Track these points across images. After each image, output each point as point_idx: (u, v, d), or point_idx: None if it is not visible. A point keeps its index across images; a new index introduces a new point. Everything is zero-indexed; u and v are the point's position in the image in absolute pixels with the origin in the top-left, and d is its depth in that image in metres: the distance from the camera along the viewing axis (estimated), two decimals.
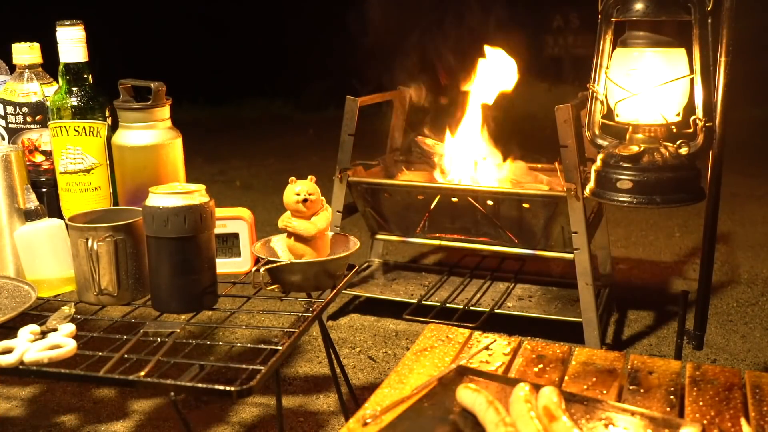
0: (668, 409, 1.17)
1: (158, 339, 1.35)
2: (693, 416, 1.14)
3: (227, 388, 1.16)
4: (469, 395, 1.10)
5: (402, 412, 1.12)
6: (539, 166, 2.65)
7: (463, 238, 2.47)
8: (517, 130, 2.71)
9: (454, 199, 2.38)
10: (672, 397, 1.21)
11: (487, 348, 1.37)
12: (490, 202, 2.33)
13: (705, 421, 1.12)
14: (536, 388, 1.11)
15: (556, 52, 8.39)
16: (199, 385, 1.18)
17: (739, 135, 5.30)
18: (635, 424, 1.09)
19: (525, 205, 2.28)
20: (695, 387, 1.23)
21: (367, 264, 2.82)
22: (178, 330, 1.38)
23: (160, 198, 1.39)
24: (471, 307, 2.42)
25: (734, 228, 3.60)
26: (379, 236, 2.63)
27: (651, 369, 1.30)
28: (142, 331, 1.38)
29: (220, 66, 8.13)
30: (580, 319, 2.28)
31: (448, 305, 2.44)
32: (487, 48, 2.63)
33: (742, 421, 1.13)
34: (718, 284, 2.86)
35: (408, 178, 2.71)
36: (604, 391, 1.22)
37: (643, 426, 1.09)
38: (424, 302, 2.46)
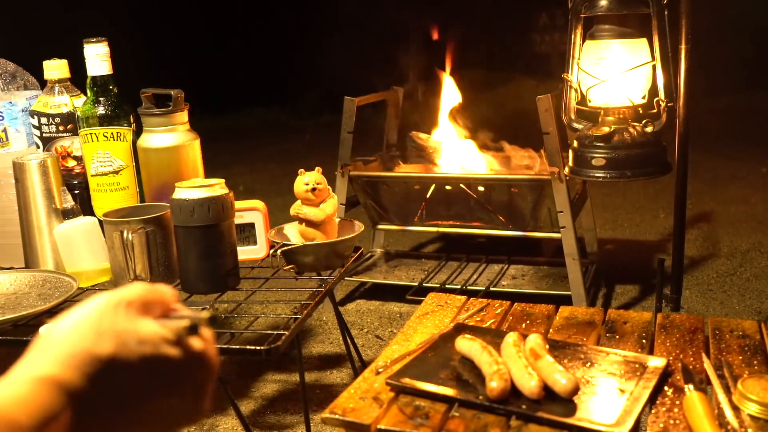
0: (639, 350, 1.35)
1: None
2: (660, 354, 1.32)
3: (258, 348, 1.34)
4: (466, 343, 1.28)
5: (409, 361, 1.30)
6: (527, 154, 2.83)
7: (458, 224, 2.65)
8: (509, 125, 2.87)
9: (448, 187, 2.56)
10: (644, 340, 1.39)
11: (481, 310, 1.55)
12: (481, 188, 2.52)
13: (671, 358, 1.30)
14: (523, 337, 1.29)
15: (544, 49, 8.58)
16: (234, 346, 1.36)
17: (722, 121, 5.49)
18: (609, 361, 1.27)
19: (513, 189, 2.47)
20: (663, 331, 1.41)
21: (370, 254, 3.00)
22: (208, 307, 1.56)
23: (185, 191, 1.57)
24: (468, 287, 2.60)
25: (716, 207, 3.78)
26: (380, 226, 2.80)
27: (626, 320, 1.48)
28: None
29: (216, 78, 8.29)
30: (570, 293, 2.46)
31: (447, 286, 2.61)
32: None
33: (703, 355, 1.31)
34: (700, 258, 3.04)
35: (404, 170, 2.88)
36: (584, 339, 1.40)
37: (617, 362, 1.27)
38: (424, 285, 2.63)
